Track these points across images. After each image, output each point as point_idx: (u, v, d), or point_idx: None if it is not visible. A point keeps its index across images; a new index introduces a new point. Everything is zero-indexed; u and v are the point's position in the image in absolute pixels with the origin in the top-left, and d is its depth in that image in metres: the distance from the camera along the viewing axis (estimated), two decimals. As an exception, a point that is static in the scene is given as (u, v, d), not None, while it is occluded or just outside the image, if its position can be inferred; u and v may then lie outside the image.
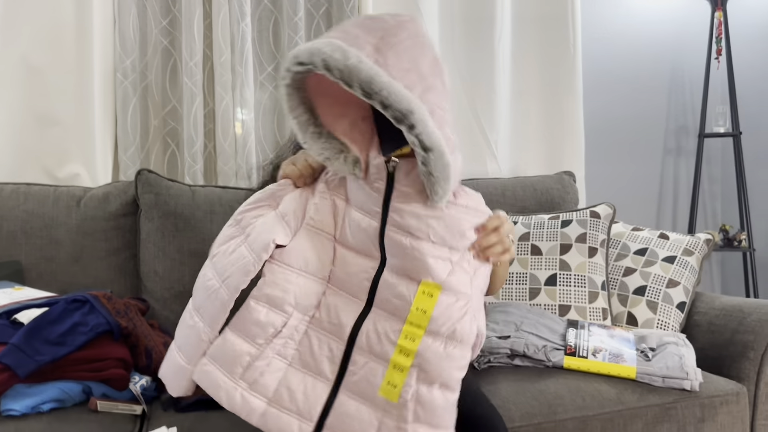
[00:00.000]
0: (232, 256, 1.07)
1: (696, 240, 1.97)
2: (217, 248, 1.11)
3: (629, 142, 2.97)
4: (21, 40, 2.12)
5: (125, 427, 1.29)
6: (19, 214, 1.81)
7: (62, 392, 1.31)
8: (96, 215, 1.87)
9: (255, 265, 1.05)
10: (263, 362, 1.04)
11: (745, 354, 1.67)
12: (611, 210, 1.97)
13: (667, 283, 1.87)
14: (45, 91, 2.15)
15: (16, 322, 1.34)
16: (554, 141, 2.64)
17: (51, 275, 1.80)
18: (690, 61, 3.01)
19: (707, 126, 2.93)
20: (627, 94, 2.95)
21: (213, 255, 1.11)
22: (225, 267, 1.07)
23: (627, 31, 2.93)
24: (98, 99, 2.17)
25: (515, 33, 2.63)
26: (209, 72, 2.30)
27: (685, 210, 3.05)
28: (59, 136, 2.16)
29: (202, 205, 1.89)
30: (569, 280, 1.85)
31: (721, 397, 1.57)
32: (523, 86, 2.65)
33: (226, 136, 2.26)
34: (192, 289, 1.80)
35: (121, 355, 1.39)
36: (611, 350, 1.60)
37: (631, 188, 2.97)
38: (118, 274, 1.86)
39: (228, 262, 1.07)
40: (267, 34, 2.40)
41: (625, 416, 1.49)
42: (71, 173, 2.16)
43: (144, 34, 2.27)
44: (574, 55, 2.61)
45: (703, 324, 1.83)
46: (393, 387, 1.00)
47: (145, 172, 1.89)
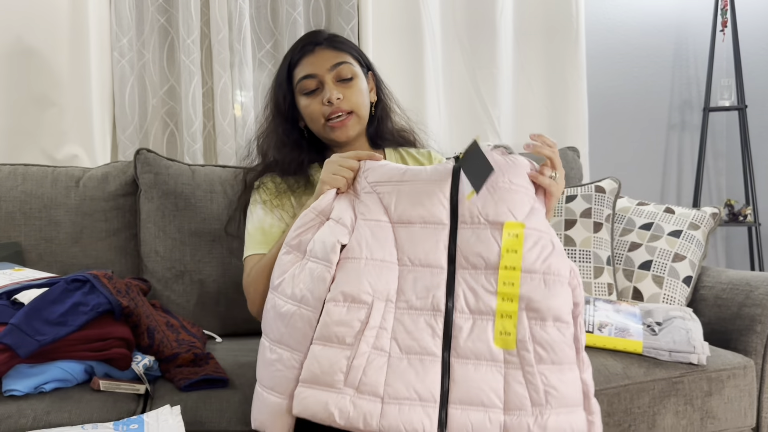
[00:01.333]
0: (302, 275, 1.07)
1: (702, 214, 1.95)
2: (279, 278, 1.10)
3: (633, 117, 2.94)
4: (16, 21, 2.10)
5: (128, 406, 1.28)
6: (18, 194, 1.80)
7: (64, 372, 1.29)
8: (95, 195, 1.85)
9: (329, 270, 1.06)
10: (362, 360, 1.00)
11: (752, 327, 1.66)
12: (616, 184, 1.95)
13: (672, 257, 1.85)
14: (41, 71, 2.13)
15: (16, 303, 1.32)
16: (557, 116, 2.62)
17: (51, 256, 1.79)
18: (695, 33, 2.97)
19: (712, 100, 2.90)
20: (631, 67, 2.92)
21: (276, 286, 1.10)
22: (297, 287, 1.07)
23: (630, 4, 2.89)
24: (95, 79, 2.15)
25: (517, 7, 2.60)
26: (207, 50, 2.27)
27: (689, 185, 3.02)
28: (57, 117, 2.14)
29: (202, 184, 1.87)
30: (574, 255, 1.84)
31: (729, 371, 1.56)
32: (525, 61, 2.62)
33: (225, 115, 2.24)
34: (193, 268, 1.80)
35: (123, 334, 1.38)
36: (617, 325, 1.59)
37: (636, 163, 2.95)
38: (118, 255, 1.85)
39: (299, 282, 1.07)
40: (265, 11, 2.37)
41: (631, 391, 1.48)
42: (69, 154, 2.14)
43: (140, 12, 2.24)
44: (577, 29, 2.58)
45: (710, 298, 1.81)
46: (507, 335, 0.99)
47: (144, 151, 1.87)
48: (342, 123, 1.39)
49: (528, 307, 1.01)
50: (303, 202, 1.43)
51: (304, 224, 1.13)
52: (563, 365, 0.99)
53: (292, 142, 1.45)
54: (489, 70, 2.52)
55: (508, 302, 1.01)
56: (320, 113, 1.40)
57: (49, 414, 1.20)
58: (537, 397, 0.98)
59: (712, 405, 1.54)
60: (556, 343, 0.99)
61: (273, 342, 1.09)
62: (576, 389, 1.00)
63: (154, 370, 1.44)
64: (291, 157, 1.44)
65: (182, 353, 1.45)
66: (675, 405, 1.51)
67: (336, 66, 1.40)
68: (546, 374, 0.98)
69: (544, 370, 0.99)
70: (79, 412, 1.22)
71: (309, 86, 1.40)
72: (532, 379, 0.98)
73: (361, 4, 2.36)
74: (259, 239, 1.40)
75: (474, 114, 2.55)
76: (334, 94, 1.37)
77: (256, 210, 1.45)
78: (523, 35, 2.61)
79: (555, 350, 0.99)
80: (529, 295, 1.01)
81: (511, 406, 0.98)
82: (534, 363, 0.98)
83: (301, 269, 1.08)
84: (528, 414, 0.98)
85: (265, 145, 1.49)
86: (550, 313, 1.00)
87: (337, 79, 1.40)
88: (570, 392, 0.99)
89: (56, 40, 2.12)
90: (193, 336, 1.57)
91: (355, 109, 1.41)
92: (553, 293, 1.01)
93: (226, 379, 1.36)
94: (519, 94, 2.62)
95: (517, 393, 0.98)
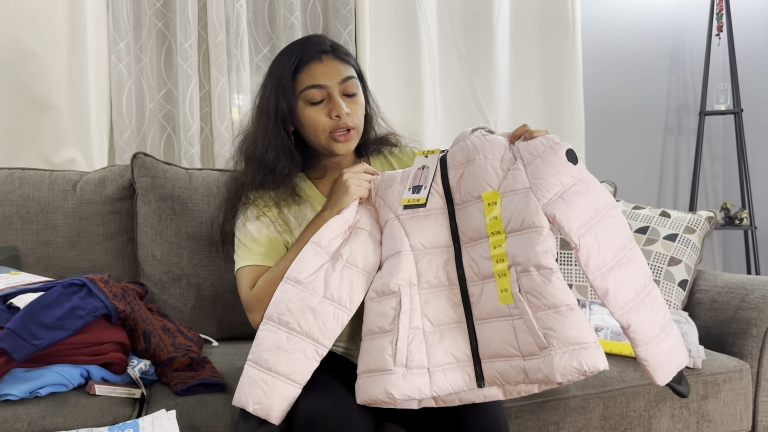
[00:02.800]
0: (341, 279, 1.19)
1: (698, 217, 1.95)
2: (307, 275, 1.19)
3: (630, 121, 2.95)
4: (14, 24, 2.10)
5: (124, 410, 1.28)
6: (15, 198, 1.80)
7: (60, 376, 1.29)
8: (92, 199, 1.85)
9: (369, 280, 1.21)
10: (403, 341, 1.12)
11: (747, 331, 1.66)
12: (612, 188, 1.96)
13: (668, 261, 1.86)
14: (39, 75, 2.13)
15: (12, 307, 1.32)
16: (554, 120, 2.63)
17: (48, 260, 1.78)
18: (691, 38, 2.98)
19: (708, 104, 2.90)
20: (627, 71, 2.93)
21: (302, 281, 1.19)
22: (334, 289, 1.18)
23: (627, 8, 2.90)
24: (93, 82, 2.15)
25: (514, 11, 2.61)
26: (204, 54, 2.28)
27: (686, 189, 3.03)
28: (54, 121, 2.14)
29: (199, 188, 1.87)
30: (570, 259, 1.84)
31: (724, 375, 1.57)
32: (522, 65, 2.63)
33: (223, 119, 2.24)
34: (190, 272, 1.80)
35: (119, 338, 1.38)
36: (613, 328, 1.59)
37: (632, 167, 2.95)
38: (115, 259, 1.85)
39: (336, 284, 1.18)
40: (262, 15, 2.37)
41: (627, 394, 1.48)
42: (67, 158, 2.14)
43: (138, 16, 2.24)
44: (574, 34, 2.59)
45: (706, 302, 1.82)
46: (506, 291, 1.10)
47: (141, 155, 1.87)
48: (346, 138, 1.38)
49: (513, 262, 1.10)
50: (294, 213, 1.41)
51: (334, 228, 1.24)
52: (559, 308, 1.05)
53: (282, 146, 1.40)
54: (486, 75, 2.53)
55: (501, 263, 1.12)
56: (326, 125, 1.37)
57: (44, 419, 1.20)
58: (540, 341, 1.05)
59: (707, 408, 1.55)
60: (542, 289, 1.06)
61: (294, 332, 1.16)
62: (580, 328, 1.05)
63: (150, 374, 1.44)
64: (283, 164, 1.40)
65: (178, 357, 1.45)
66: (671, 408, 1.52)
67: (345, 80, 1.38)
68: (543, 319, 1.06)
69: (541, 316, 1.06)
70: (74, 417, 1.22)
71: (315, 97, 1.36)
72: (530, 326, 1.07)
73: (359, 8, 2.36)
74: (257, 250, 1.36)
75: (471, 118, 2.55)
76: (345, 109, 1.36)
77: (249, 223, 1.40)
78: (519, 39, 2.62)
79: (544, 295, 1.06)
80: (512, 251, 1.11)
81: (525, 353, 1.08)
82: (530, 311, 1.07)
83: (335, 272, 1.19)
84: (539, 356, 1.06)
85: (252, 148, 1.43)
86: (530, 263, 1.08)
87: (343, 93, 1.38)
88: (571, 332, 1.04)
89: (54, 44, 2.12)
90: (189, 340, 1.57)
91: (357, 126, 1.40)
92: (531, 244, 1.09)
93: (222, 384, 1.37)
94: (516, 98, 2.63)
95: (524, 340, 1.08)
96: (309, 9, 2.38)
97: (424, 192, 1.22)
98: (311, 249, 1.21)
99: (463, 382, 1.11)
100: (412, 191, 1.23)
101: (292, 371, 1.14)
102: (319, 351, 1.16)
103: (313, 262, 1.20)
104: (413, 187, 1.24)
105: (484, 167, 1.18)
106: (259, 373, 1.15)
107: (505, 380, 1.09)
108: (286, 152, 1.40)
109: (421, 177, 1.25)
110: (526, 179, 1.13)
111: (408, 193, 1.23)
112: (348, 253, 1.21)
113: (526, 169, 1.14)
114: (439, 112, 2.52)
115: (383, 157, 1.55)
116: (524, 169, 1.15)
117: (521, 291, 1.08)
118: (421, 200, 1.21)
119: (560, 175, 1.12)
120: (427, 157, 1.27)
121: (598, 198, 1.13)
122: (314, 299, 1.17)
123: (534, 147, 1.15)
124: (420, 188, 1.23)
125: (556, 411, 1.43)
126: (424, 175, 1.24)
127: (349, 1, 2.35)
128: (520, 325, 1.08)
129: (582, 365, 1.02)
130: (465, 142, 1.22)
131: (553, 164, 1.12)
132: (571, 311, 1.05)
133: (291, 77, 1.38)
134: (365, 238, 1.24)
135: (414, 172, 1.26)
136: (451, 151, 1.24)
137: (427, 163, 1.26)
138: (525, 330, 1.07)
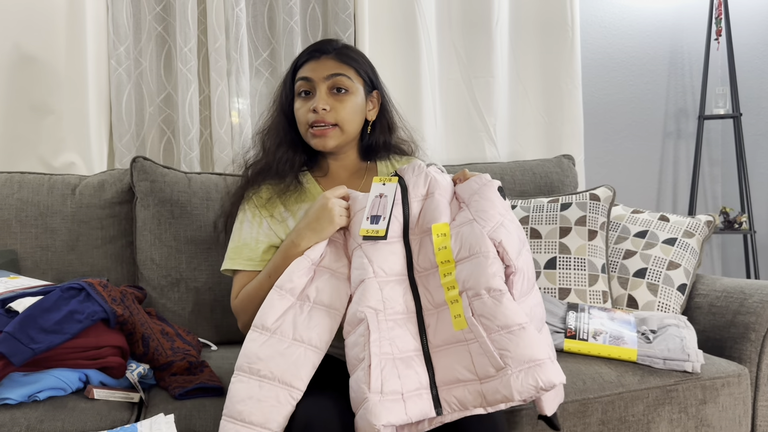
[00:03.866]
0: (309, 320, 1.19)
1: (696, 222, 1.95)
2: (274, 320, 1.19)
3: (629, 125, 2.95)
4: (14, 28, 2.10)
5: (122, 414, 1.28)
6: (14, 202, 1.80)
7: (59, 380, 1.30)
8: (91, 203, 1.85)
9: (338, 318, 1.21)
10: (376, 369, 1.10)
11: (746, 335, 1.66)
12: (611, 192, 1.96)
13: (667, 265, 1.86)
14: (38, 79, 2.13)
15: (11, 311, 1.32)
16: (553, 124, 2.63)
17: (46, 264, 1.79)
18: (689, 42, 2.99)
19: (707, 108, 2.91)
20: (626, 76, 2.93)
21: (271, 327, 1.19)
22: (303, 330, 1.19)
23: (626, 13, 2.90)
24: (92, 86, 2.15)
25: (513, 16, 2.61)
26: (204, 58, 2.28)
27: (685, 193, 3.03)
28: (54, 125, 2.15)
29: (198, 192, 1.87)
30: (569, 263, 1.84)
31: (723, 379, 1.57)
32: (521, 69, 2.63)
33: (222, 123, 2.24)
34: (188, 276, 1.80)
35: (118, 342, 1.38)
36: (612, 333, 1.59)
37: (631, 171, 2.95)
38: (114, 262, 1.85)
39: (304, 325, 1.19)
40: (262, 20, 2.38)
41: (626, 399, 1.48)
42: (66, 162, 2.14)
43: (138, 20, 2.24)
44: (573, 38, 2.59)
45: (704, 306, 1.82)
46: (459, 317, 1.14)
47: (141, 159, 1.87)
48: (322, 132, 1.41)
49: (464, 288, 1.14)
50: (294, 211, 1.45)
51: (298, 269, 1.23)
52: (512, 328, 1.09)
53: (288, 140, 1.48)
54: (485, 79, 2.53)
55: (452, 290, 1.16)
56: (304, 117, 1.42)
57: (42, 423, 1.20)
58: (497, 362, 1.08)
59: (706, 413, 1.54)
60: (494, 311, 1.10)
61: (266, 379, 1.15)
62: (534, 346, 1.08)
63: (148, 378, 1.44)
64: (286, 156, 1.47)
65: (177, 361, 1.45)
66: (669, 413, 1.51)
67: (332, 76, 1.42)
68: (497, 340, 1.09)
69: (495, 337, 1.09)
70: (72, 421, 1.22)
71: (302, 88, 1.43)
72: (486, 349, 1.09)
73: (358, 12, 2.37)
74: (247, 255, 1.42)
75: (470, 122, 2.56)
76: (321, 104, 1.40)
77: (244, 223, 1.46)
78: (518, 44, 2.62)
79: (496, 317, 1.10)
80: (462, 277, 1.15)
81: (482, 375, 1.09)
82: (484, 333, 1.10)
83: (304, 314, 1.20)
84: (495, 378, 1.08)
85: (266, 139, 1.51)
86: (481, 286, 1.12)
87: (330, 88, 1.42)
88: (526, 351, 1.07)
89: (54, 47, 2.13)
90: (188, 344, 1.57)
91: (340, 123, 1.42)
92: (481, 268, 1.14)
93: (220, 387, 1.37)
94: (515, 103, 2.63)
95: (481, 363, 1.10)
96: (308, 13, 2.38)
97: (383, 223, 1.22)
98: (275, 293, 1.22)
99: (427, 408, 1.11)
100: (370, 221, 1.23)
101: (267, 419, 1.12)
102: (293, 395, 1.15)
103: (278, 307, 1.21)
104: (372, 217, 1.24)
105: (439, 201, 1.23)
106: (234, 426, 1.13)
107: (463, 406, 1.10)
108: (292, 145, 1.48)
109: (379, 206, 1.25)
110: (468, 213, 1.22)
111: (366, 222, 1.23)
112: (315, 294, 1.22)
113: (468, 207, 1.23)
114: (438, 117, 2.52)
115: (389, 163, 1.58)
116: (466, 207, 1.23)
117: (474, 315, 1.12)
118: (381, 232, 1.21)
119: (497, 207, 1.22)
120: (385, 185, 1.27)
121: (519, 228, 1.25)
122: (283, 344, 1.17)
123: (470, 186, 1.25)
124: (378, 218, 1.23)
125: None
126: (382, 204, 1.25)
127: (348, 6, 2.35)
128: (476, 348, 1.11)
129: (538, 382, 1.06)
130: (425, 173, 1.27)
131: (490, 198, 1.23)
132: (523, 330, 1.09)
133: (293, 71, 1.48)
134: (328, 277, 1.24)
135: (371, 199, 1.26)
136: (413, 182, 1.27)
137: (384, 192, 1.26)
138: (481, 353, 1.10)
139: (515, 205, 2.00)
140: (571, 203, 1.93)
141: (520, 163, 2.32)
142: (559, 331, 1.61)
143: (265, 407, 1.12)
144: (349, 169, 1.53)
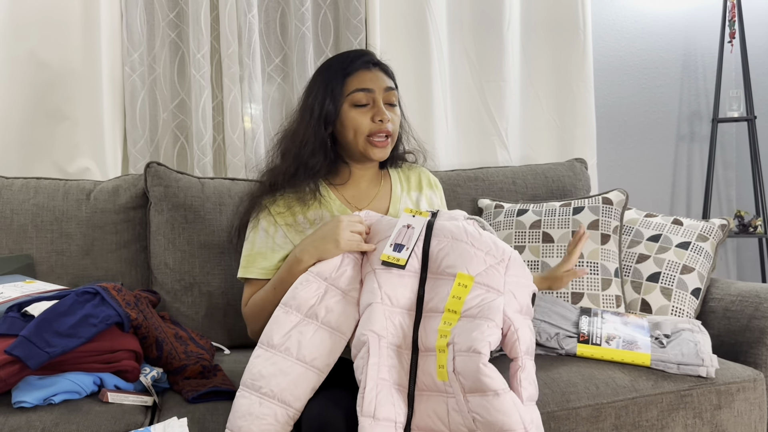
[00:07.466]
0: (313, 339, 1.20)
1: (711, 225, 1.94)
2: (280, 337, 1.20)
3: (642, 128, 2.93)
4: (29, 36, 2.13)
5: (136, 418, 1.29)
6: (30, 207, 1.82)
7: (73, 384, 1.30)
8: (106, 208, 1.87)
9: (344, 341, 1.22)
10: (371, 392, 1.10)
11: (762, 340, 1.64)
12: (624, 196, 1.95)
13: (681, 269, 1.85)
14: (54, 86, 2.16)
15: (27, 315, 1.34)
16: (565, 128, 2.62)
17: (62, 268, 1.80)
18: (703, 45, 2.97)
19: (721, 110, 2.89)
20: (639, 79, 2.92)
21: (275, 345, 1.20)
22: (307, 350, 1.19)
23: (638, 15, 2.89)
24: (107, 93, 2.17)
25: (524, 19, 2.61)
26: (217, 64, 2.30)
27: (699, 196, 3.01)
28: (69, 131, 2.17)
29: (211, 196, 1.89)
30: (582, 267, 1.83)
31: (738, 384, 1.55)
32: (533, 73, 2.63)
33: (235, 128, 2.26)
34: (202, 281, 1.81)
35: (132, 346, 1.39)
36: (625, 337, 1.58)
37: (644, 175, 2.94)
38: (128, 267, 1.86)
39: (309, 345, 1.20)
40: (274, 26, 2.39)
41: (639, 404, 1.47)
42: (81, 167, 2.16)
43: (151, 27, 2.26)
44: (585, 41, 2.58)
45: (719, 310, 1.80)
46: (442, 368, 1.12)
47: (155, 164, 1.89)
48: (384, 143, 1.47)
49: (453, 341, 1.12)
50: (310, 219, 1.46)
51: (302, 286, 1.25)
52: (486, 393, 1.06)
53: (319, 143, 1.47)
54: (496, 83, 2.53)
55: (443, 338, 1.14)
56: (367, 127, 1.45)
57: (57, 426, 1.21)
58: (470, 423, 1.07)
59: (721, 418, 1.53)
60: (472, 372, 1.07)
61: (266, 397, 1.17)
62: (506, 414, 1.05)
63: (162, 381, 1.45)
64: (316, 160, 1.47)
65: (190, 365, 1.46)
66: (684, 418, 1.50)
67: (389, 89, 1.49)
68: (472, 402, 1.07)
69: (470, 398, 1.07)
70: (87, 424, 1.23)
71: (361, 99, 1.45)
72: (461, 407, 1.08)
73: (369, 18, 2.38)
74: (261, 264, 1.45)
75: (482, 126, 2.56)
76: (387, 115, 1.45)
77: (259, 231, 1.47)
78: (530, 47, 2.62)
79: (474, 379, 1.07)
80: (457, 331, 1.13)
81: (454, 430, 1.10)
82: (460, 391, 1.08)
83: (309, 333, 1.21)
84: None
85: (290, 143, 1.50)
86: (466, 344, 1.10)
87: (386, 101, 1.48)
88: (497, 418, 1.05)
89: (69, 54, 2.16)
90: (201, 348, 1.58)
91: (393, 134, 1.49)
92: (473, 327, 1.12)
93: (233, 391, 1.36)
94: (527, 106, 2.63)
95: (455, 420, 1.10)
96: (320, 19, 2.40)
97: (405, 253, 1.23)
98: (281, 310, 1.23)
99: None
100: (393, 248, 1.24)
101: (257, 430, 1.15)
102: (290, 414, 1.17)
103: (284, 324, 1.22)
104: (396, 245, 1.25)
105: (469, 251, 1.22)
106: None
107: None
108: (322, 149, 1.48)
109: (405, 236, 1.26)
110: (502, 284, 1.19)
111: (389, 249, 1.24)
112: (324, 313, 1.22)
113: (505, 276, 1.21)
114: (450, 121, 2.52)
115: (401, 171, 1.64)
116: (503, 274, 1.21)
117: (455, 371, 1.10)
118: (401, 261, 1.22)
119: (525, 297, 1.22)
120: (415, 217, 1.29)
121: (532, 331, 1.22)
122: (286, 362, 1.19)
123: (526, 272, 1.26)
124: (402, 248, 1.24)
125: (567, 421, 1.43)
126: (408, 235, 1.26)
127: (359, 11, 2.36)
128: (453, 404, 1.10)
129: None
130: (458, 223, 1.27)
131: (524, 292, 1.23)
132: (496, 397, 1.06)
133: (342, 80, 1.47)
134: (340, 299, 1.24)
135: (398, 228, 1.27)
136: (440, 224, 1.27)
137: (413, 224, 1.27)
138: (457, 410, 1.09)
139: (527, 209, 2.00)
140: (584, 207, 1.93)
141: (532, 167, 2.31)
142: (572, 335, 1.60)
143: (263, 424, 1.15)
144: (370, 178, 1.57)
